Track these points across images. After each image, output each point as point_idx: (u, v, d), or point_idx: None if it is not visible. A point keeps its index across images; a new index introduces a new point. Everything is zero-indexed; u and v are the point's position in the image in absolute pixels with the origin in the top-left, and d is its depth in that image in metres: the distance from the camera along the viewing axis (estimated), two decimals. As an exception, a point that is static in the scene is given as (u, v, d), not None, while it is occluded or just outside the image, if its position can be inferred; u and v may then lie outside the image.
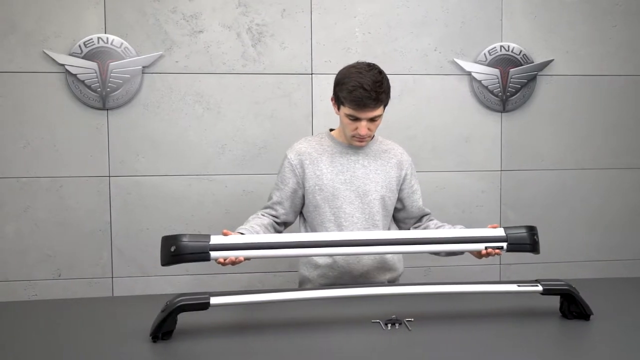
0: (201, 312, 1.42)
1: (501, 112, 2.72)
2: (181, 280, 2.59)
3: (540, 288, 1.51)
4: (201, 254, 1.46)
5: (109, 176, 2.52)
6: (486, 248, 1.58)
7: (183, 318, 1.43)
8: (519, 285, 1.51)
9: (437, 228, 1.90)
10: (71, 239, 2.52)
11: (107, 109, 2.49)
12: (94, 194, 2.52)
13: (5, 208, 2.48)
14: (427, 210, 2.00)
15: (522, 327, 1.49)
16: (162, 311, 1.39)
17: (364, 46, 2.63)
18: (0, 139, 2.45)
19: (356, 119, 1.79)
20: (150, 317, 1.41)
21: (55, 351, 1.35)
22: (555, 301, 1.57)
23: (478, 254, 1.63)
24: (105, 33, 2.47)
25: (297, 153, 1.90)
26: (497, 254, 1.60)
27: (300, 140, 1.96)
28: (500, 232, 1.59)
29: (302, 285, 1.99)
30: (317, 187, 1.86)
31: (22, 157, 2.47)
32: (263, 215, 1.89)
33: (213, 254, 1.46)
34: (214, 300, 1.40)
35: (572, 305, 1.52)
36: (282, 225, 1.93)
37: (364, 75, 1.75)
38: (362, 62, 1.81)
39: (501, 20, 2.69)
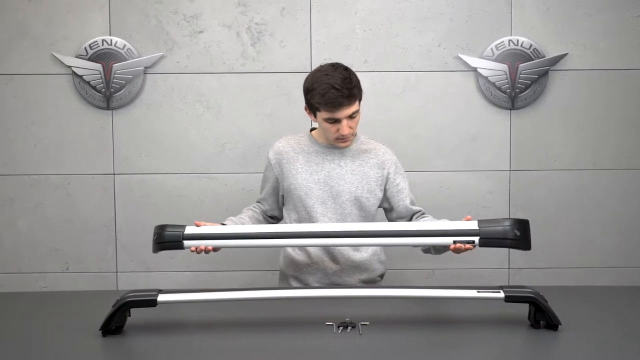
0: (159, 309, 1.44)
1: (510, 109, 2.60)
2: (182, 276, 2.65)
3: (502, 295, 1.43)
4: (176, 242, 1.53)
5: (114, 174, 2.61)
6: (455, 242, 1.48)
7: (144, 314, 1.46)
8: (478, 291, 1.44)
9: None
10: (78, 234, 2.62)
11: (112, 109, 2.58)
12: (100, 191, 2.61)
13: (18, 203, 2.61)
14: (417, 208, 1.93)
15: (481, 335, 1.42)
16: (113, 306, 1.42)
17: (365, 43, 2.58)
18: (13, 137, 2.58)
19: (336, 121, 1.77)
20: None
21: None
22: (525, 309, 1.49)
23: (452, 249, 1.55)
24: (110, 35, 2.55)
25: (275, 152, 1.93)
26: (468, 248, 1.49)
27: (281, 139, 1.98)
28: (472, 224, 1.49)
29: (282, 281, 1.99)
30: (292, 186, 1.87)
31: (33, 155, 2.59)
32: (255, 208, 1.98)
33: (186, 242, 1.53)
34: (161, 297, 1.42)
35: (538, 314, 1.43)
36: (273, 219, 2.01)
37: (331, 76, 1.74)
38: (326, 64, 1.82)
39: (510, 13, 2.57)
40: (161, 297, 1.41)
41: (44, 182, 2.60)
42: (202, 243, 1.55)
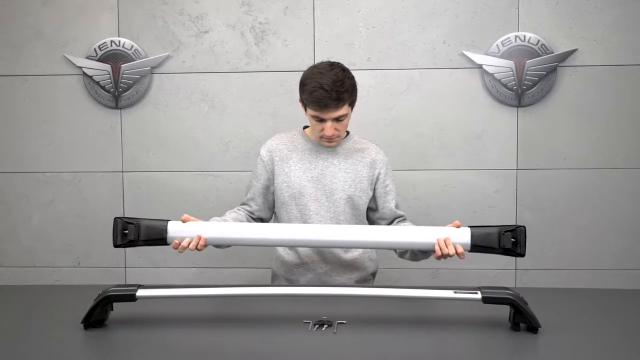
0: (143, 304, 1.48)
1: (517, 106, 2.54)
2: (187, 272, 2.69)
3: (479, 296, 1.41)
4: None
5: (122, 171, 2.67)
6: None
7: (128, 308, 1.50)
8: (455, 292, 1.42)
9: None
10: (89, 229, 2.70)
11: (120, 108, 2.64)
12: (109, 188, 2.68)
13: (33, 200, 2.70)
14: (401, 212, 1.93)
15: (458, 336, 1.40)
16: (94, 300, 1.46)
17: (368, 41, 2.57)
18: (27, 136, 2.68)
19: (321, 120, 1.77)
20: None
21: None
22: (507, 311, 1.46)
23: (437, 255, 1.58)
24: (119, 36, 2.62)
25: (268, 150, 1.92)
26: (460, 253, 1.54)
27: (273, 137, 1.98)
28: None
29: (273, 281, 2.01)
30: (284, 184, 1.87)
31: (46, 153, 2.68)
32: (239, 210, 1.93)
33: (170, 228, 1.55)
34: (140, 292, 1.45)
35: (517, 316, 1.41)
36: (258, 221, 1.96)
37: (324, 75, 1.73)
38: (325, 62, 1.79)
39: (518, 8, 2.51)
40: (140, 292, 1.44)
41: (56, 179, 2.69)
42: (189, 233, 1.56)
